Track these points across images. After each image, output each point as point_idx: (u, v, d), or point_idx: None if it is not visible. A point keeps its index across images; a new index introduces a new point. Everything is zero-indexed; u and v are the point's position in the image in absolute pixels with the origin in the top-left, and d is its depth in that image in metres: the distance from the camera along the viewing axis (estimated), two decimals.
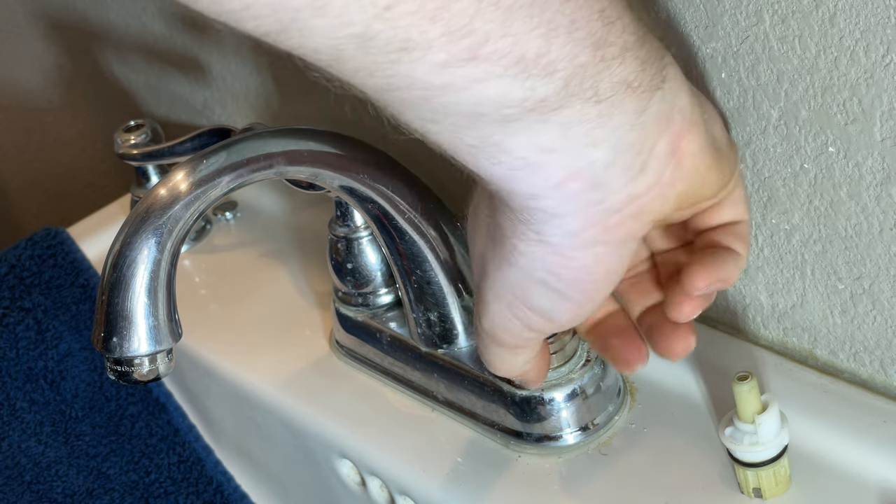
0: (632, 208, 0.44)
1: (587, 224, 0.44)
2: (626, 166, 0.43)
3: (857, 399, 0.56)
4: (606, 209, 0.44)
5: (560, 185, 0.43)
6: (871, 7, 0.46)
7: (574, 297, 0.46)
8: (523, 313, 0.48)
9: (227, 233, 0.83)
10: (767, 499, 0.53)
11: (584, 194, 0.43)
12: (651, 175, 0.44)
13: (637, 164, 0.44)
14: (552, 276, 0.46)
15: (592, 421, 0.59)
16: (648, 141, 0.44)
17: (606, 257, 0.45)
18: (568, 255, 0.45)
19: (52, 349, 0.78)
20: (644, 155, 0.44)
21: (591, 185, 0.43)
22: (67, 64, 1.07)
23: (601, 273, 0.46)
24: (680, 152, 0.45)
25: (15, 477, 0.75)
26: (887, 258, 0.52)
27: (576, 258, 0.45)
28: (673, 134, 0.44)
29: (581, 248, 0.45)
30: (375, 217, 0.58)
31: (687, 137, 0.45)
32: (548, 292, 0.46)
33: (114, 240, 0.51)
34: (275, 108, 0.84)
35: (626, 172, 0.43)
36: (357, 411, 0.65)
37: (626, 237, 0.45)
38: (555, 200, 0.43)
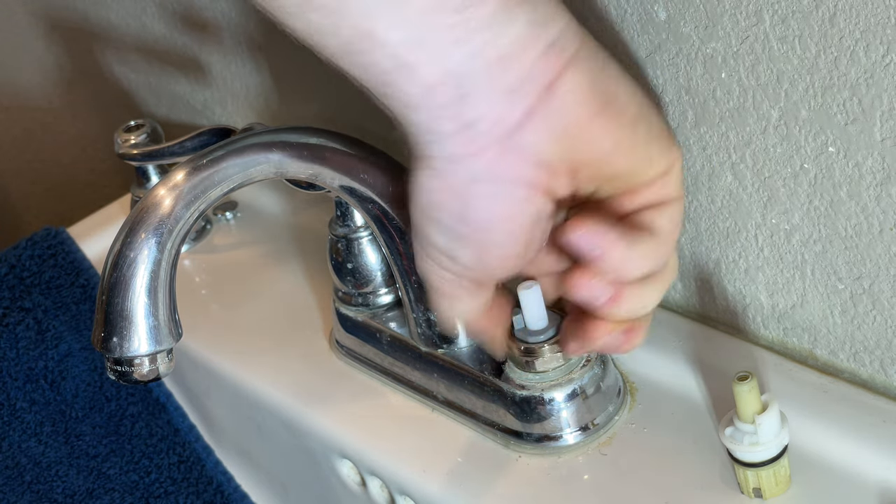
0: (508, 139, 0.45)
1: (465, 149, 0.45)
2: (493, 80, 0.44)
3: (857, 399, 0.56)
4: (481, 132, 0.45)
5: (430, 90, 0.44)
6: (871, 7, 0.46)
7: (467, 236, 0.48)
8: (430, 252, 0.49)
9: (227, 233, 0.83)
10: (767, 499, 0.53)
11: (455, 106, 0.44)
12: (521, 100, 0.45)
13: (504, 81, 0.44)
14: (445, 212, 0.47)
15: (592, 421, 0.59)
16: (518, 61, 0.44)
17: (493, 199, 0.46)
18: (457, 187, 0.46)
19: (52, 349, 0.78)
20: (512, 74, 0.44)
21: (458, 94, 0.44)
22: (67, 64, 1.07)
23: (500, 214, 0.47)
24: (556, 86, 0.45)
25: (15, 477, 0.75)
26: (887, 258, 0.52)
27: (465, 193, 0.46)
28: (550, 63, 0.45)
29: (468, 180, 0.46)
30: (375, 217, 0.58)
31: (568, 73, 0.45)
32: (441, 228, 0.48)
33: (114, 240, 0.51)
34: (275, 108, 0.84)
35: (493, 88, 0.44)
36: (357, 411, 0.65)
37: (512, 178, 0.46)
38: (427, 111, 0.44)
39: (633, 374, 0.61)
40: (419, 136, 0.46)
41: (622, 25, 0.56)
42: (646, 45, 0.55)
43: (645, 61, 0.56)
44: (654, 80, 0.56)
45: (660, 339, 0.62)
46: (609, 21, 0.56)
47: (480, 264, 0.49)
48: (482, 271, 0.50)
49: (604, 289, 0.48)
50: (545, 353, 0.57)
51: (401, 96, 0.45)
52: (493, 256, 0.49)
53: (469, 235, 0.48)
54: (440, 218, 0.48)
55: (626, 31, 0.56)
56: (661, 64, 0.55)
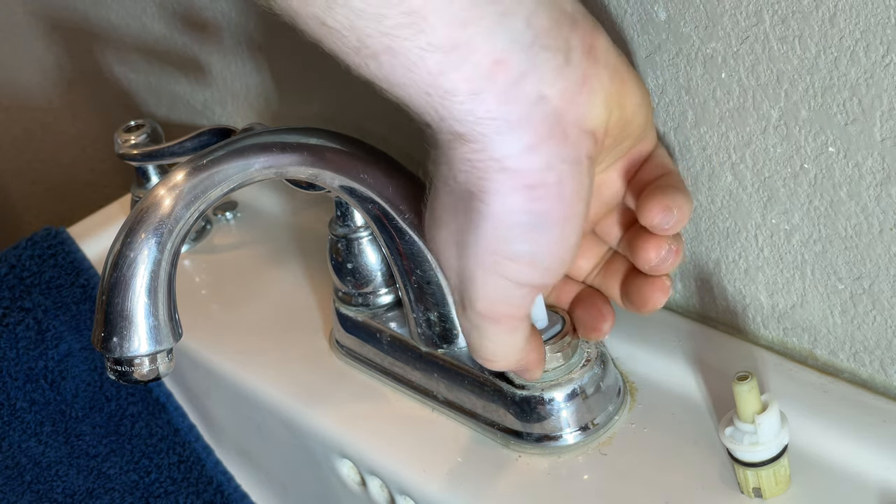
0: (571, 111, 0.45)
1: (538, 134, 0.45)
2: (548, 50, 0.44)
3: (857, 399, 0.56)
4: (549, 112, 0.45)
5: (491, 74, 0.43)
6: (871, 7, 0.46)
7: (552, 230, 0.47)
8: (509, 268, 0.48)
9: (227, 233, 0.83)
10: (767, 499, 0.53)
11: (518, 88, 0.44)
12: (576, 69, 0.45)
13: (559, 52, 0.45)
14: (525, 212, 0.46)
15: (592, 421, 0.59)
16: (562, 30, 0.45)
17: (568, 178, 0.46)
18: (533, 179, 0.45)
19: (52, 349, 0.78)
20: (562, 44, 0.45)
21: (517, 73, 0.44)
22: (67, 64, 1.07)
23: (569, 197, 0.46)
24: (595, 50, 0.46)
25: (15, 477, 0.75)
26: (887, 258, 0.52)
27: (542, 182, 0.46)
28: (582, 30, 0.46)
29: (542, 169, 0.45)
30: (375, 217, 0.58)
31: (597, 35, 0.47)
32: (526, 232, 0.46)
33: (114, 240, 0.51)
34: (275, 108, 0.84)
35: (551, 61, 0.44)
36: (357, 411, 0.65)
37: (577, 153, 0.46)
38: (493, 96, 0.44)
39: (633, 374, 0.61)
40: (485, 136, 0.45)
41: (622, 25, 0.56)
42: (646, 45, 0.55)
43: (645, 61, 0.56)
44: (654, 80, 0.56)
45: (660, 339, 0.62)
46: (609, 21, 0.56)
47: (559, 260, 0.48)
48: (559, 269, 0.49)
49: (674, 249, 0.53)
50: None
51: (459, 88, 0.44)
52: (571, 245, 0.48)
53: (551, 228, 0.47)
54: (521, 221, 0.46)
55: (626, 31, 0.56)
56: (661, 64, 0.55)
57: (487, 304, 0.49)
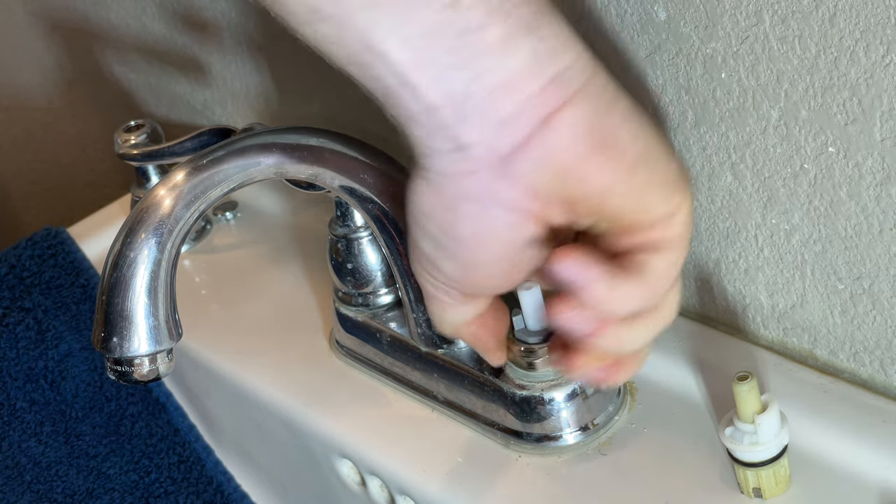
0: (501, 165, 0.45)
1: (458, 168, 0.45)
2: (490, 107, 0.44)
3: (857, 399, 0.56)
4: (474, 156, 0.45)
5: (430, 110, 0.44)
6: (871, 7, 0.46)
7: (452, 250, 0.48)
8: (419, 257, 0.50)
9: (227, 233, 0.83)
10: (767, 499, 0.53)
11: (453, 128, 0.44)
12: (516, 130, 0.44)
13: (501, 110, 0.44)
14: (429, 220, 0.48)
15: (592, 421, 0.59)
16: (517, 91, 0.44)
17: (480, 219, 0.46)
18: (442, 198, 0.46)
19: (52, 349, 0.78)
20: (510, 104, 0.44)
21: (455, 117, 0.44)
22: (67, 64, 1.07)
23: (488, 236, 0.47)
24: (554, 120, 0.44)
25: (15, 477, 0.75)
26: (887, 258, 0.52)
27: (449, 206, 0.46)
28: (550, 96, 0.44)
29: (455, 197, 0.46)
30: (375, 217, 0.58)
31: (568, 109, 0.44)
32: (428, 237, 0.48)
33: (114, 240, 0.51)
34: (275, 108, 0.84)
35: (489, 116, 0.44)
36: (357, 411, 0.65)
37: (501, 202, 0.46)
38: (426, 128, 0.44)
39: None
40: (417, 147, 0.46)
41: (622, 25, 0.56)
42: (646, 45, 0.55)
43: (645, 61, 0.56)
44: (654, 80, 0.56)
45: (660, 339, 0.62)
46: (609, 21, 0.56)
47: (465, 279, 0.50)
48: (467, 286, 0.51)
49: (584, 321, 0.47)
50: (545, 354, 0.57)
51: (402, 111, 0.45)
52: (478, 274, 0.49)
53: (454, 250, 0.48)
54: (428, 228, 0.48)
55: (626, 31, 0.56)
56: (661, 64, 0.55)
57: (412, 269, 0.52)
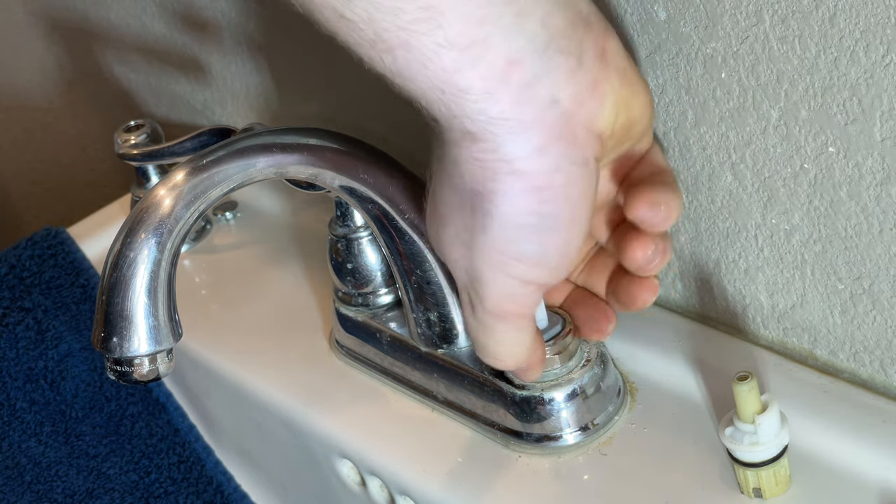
0: (581, 114, 0.45)
1: (548, 136, 0.45)
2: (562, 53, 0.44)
3: (857, 399, 0.56)
4: (560, 115, 0.45)
5: (505, 74, 0.43)
6: (871, 7, 0.46)
7: (559, 231, 0.47)
8: (516, 268, 0.48)
9: (227, 233, 0.83)
10: (767, 499, 0.53)
11: (532, 89, 0.44)
12: (588, 73, 0.45)
13: (572, 55, 0.45)
14: (533, 214, 0.46)
15: (592, 421, 0.59)
16: (576, 32, 0.45)
17: (576, 179, 0.46)
18: (542, 182, 0.46)
19: (52, 349, 0.78)
20: (575, 47, 0.45)
21: (532, 75, 0.44)
22: (67, 64, 1.07)
23: (576, 198, 0.47)
24: (607, 53, 0.46)
25: (15, 477, 0.75)
26: (887, 258, 0.52)
27: (550, 184, 0.46)
28: (595, 33, 0.46)
29: (551, 171, 0.46)
30: (375, 217, 0.58)
31: (609, 38, 0.47)
32: (534, 233, 0.47)
33: (114, 240, 0.51)
34: (275, 108, 0.84)
35: (565, 64, 0.44)
36: (357, 411, 0.65)
37: (585, 155, 0.46)
38: (507, 97, 0.44)
39: (633, 374, 0.61)
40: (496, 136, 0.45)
41: (622, 25, 0.56)
42: (646, 45, 0.55)
43: (645, 61, 0.56)
44: (654, 80, 0.56)
45: (660, 339, 0.62)
46: (609, 21, 0.56)
47: (565, 259, 0.48)
48: (565, 267, 0.49)
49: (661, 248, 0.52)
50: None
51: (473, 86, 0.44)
52: (577, 244, 0.48)
53: (558, 230, 0.47)
54: (530, 222, 0.46)
55: (626, 31, 0.56)
56: (661, 64, 0.55)
57: (496, 302, 0.50)
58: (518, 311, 0.50)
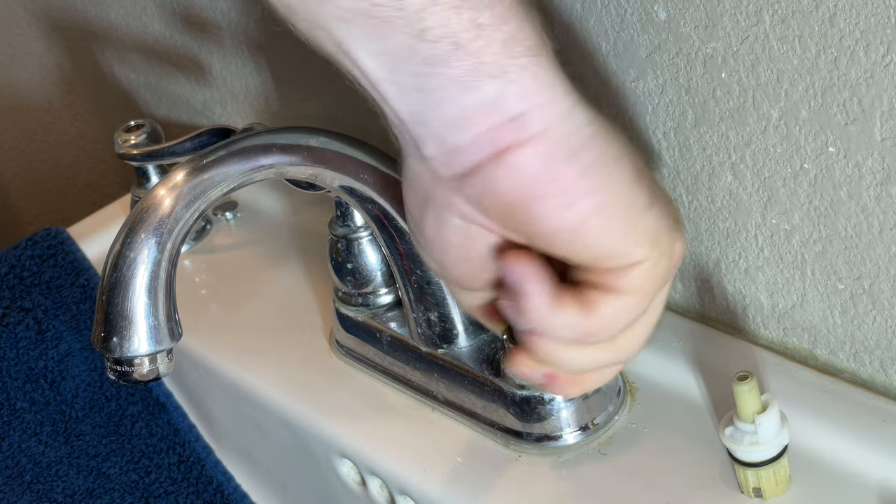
0: (457, 182, 0.46)
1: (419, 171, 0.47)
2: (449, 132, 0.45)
3: (857, 399, 0.56)
4: (433, 168, 0.46)
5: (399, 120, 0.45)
6: (871, 7, 0.46)
7: (424, 247, 0.49)
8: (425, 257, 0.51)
9: (227, 233, 0.83)
10: (767, 499, 0.53)
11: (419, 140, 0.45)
12: (468, 157, 0.45)
13: (458, 137, 0.44)
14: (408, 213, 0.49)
15: (592, 421, 0.59)
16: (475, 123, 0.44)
17: (443, 224, 0.47)
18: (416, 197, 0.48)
19: (52, 349, 0.78)
20: (466, 133, 0.44)
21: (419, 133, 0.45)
22: (67, 64, 1.07)
23: (440, 237, 0.48)
24: (505, 157, 0.44)
25: (15, 477, 0.75)
26: (887, 258, 0.52)
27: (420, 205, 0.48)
28: (505, 134, 0.44)
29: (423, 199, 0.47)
30: (375, 217, 0.58)
31: (524, 150, 0.44)
32: (412, 229, 0.50)
33: (114, 240, 0.51)
34: (275, 108, 0.84)
35: (446, 139, 0.45)
36: (357, 411, 0.65)
37: (459, 213, 0.47)
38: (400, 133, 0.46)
39: (633, 374, 0.61)
40: (400, 146, 0.47)
41: (622, 25, 0.56)
42: (646, 45, 0.55)
43: (645, 61, 0.56)
44: (654, 80, 0.56)
45: (660, 339, 0.62)
46: (609, 21, 0.56)
47: (442, 273, 0.51)
48: (447, 279, 0.51)
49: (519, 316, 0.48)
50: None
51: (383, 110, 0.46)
52: (450, 273, 0.50)
53: (426, 247, 0.49)
54: (409, 221, 0.50)
55: (626, 31, 0.56)
56: (661, 64, 0.55)
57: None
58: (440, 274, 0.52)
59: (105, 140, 1.10)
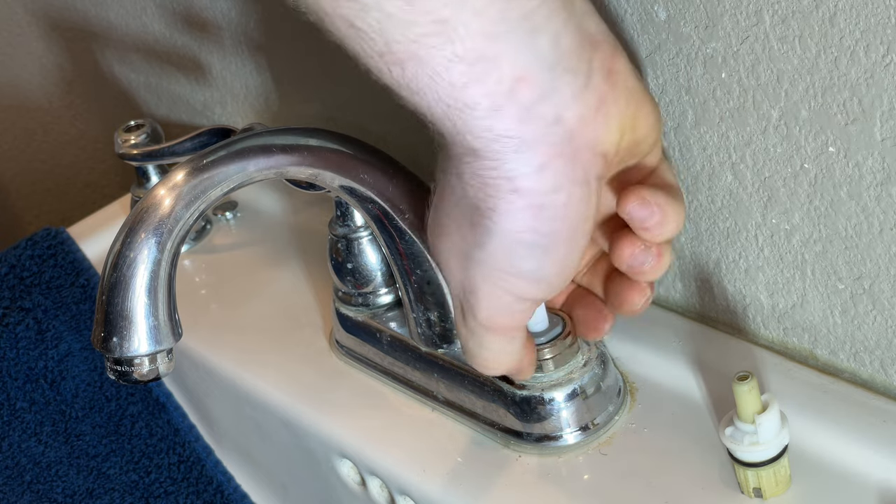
0: (585, 134, 0.45)
1: (551, 155, 0.45)
2: (570, 72, 0.44)
3: (857, 399, 0.56)
4: (563, 134, 0.45)
5: (513, 91, 0.43)
6: (871, 7, 0.46)
7: (557, 249, 0.47)
8: (512, 284, 0.48)
9: (227, 233, 0.83)
10: (767, 499, 0.53)
11: (537, 108, 0.44)
12: (594, 93, 0.45)
13: (580, 74, 0.44)
14: (532, 232, 0.46)
15: (592, 421, 0.59)
16: (584, 52, 0.44)
17: (576, 199, 0.46)
18: (542, 200, 0.46)
19: (52, 349, 0.78)
20: (584, 66, 0.45)
21: (539, 93, 0.44)
22: (67, 64, 1.07)
23: (576, 218, 0.47)
24: (614, 73, 0.46)
25: (15, 477, 0.75)
26: (887, 258, 0.52)
27: (550, 203, 0.46)
28: (604, 53, 0.46)
29: (552, 190, 0.45)
30: (375, 217, 0.58)
31: (617, 58, 0.46)
32: (531, 250, 0.47)
33: (114, 240, 0.51)
34: (275, 108, 0.84)
35: (572, 83, 0.44)
36: (357, 411, 0.65)
37: (587, 175, 0.46)
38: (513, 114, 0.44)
39: (633, 374, 0.61)
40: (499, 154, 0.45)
41: (622, 25, 0.56)
42: (646, 45, 0.55)
43: (645, 61, 0.56)
44: (654, 80, 0.56)
45: (660, 339, 0.62)
46: (609, 21, 0.56)
47: (562, 277, 0.49)
48: (562, 284, 0.49)
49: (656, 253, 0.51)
50: (546, 355, 0.57)
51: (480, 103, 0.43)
52: (574, 262, 0.48)
53: (556, 248, 0.47)
54: (529, 240, 0.46)
55: (626, 31, 0.56)
56: (661, 64, 0.55)
57: (488, 315, 0.50)
58: (510, 324, 0.50)
59: (105, 140, 1.10)
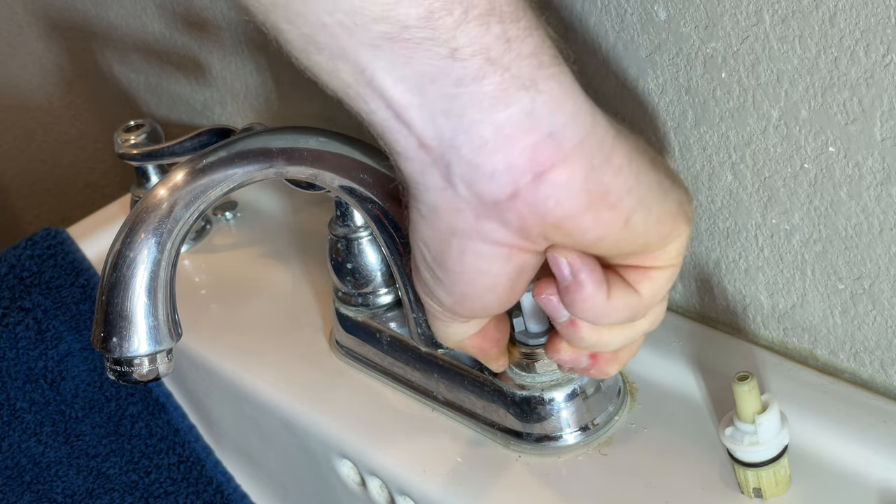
0: (481, 207, 0.45)
1: (448, 205, 0.45)
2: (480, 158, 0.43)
3: (857, 399, 0.56)
4: (463, 197, 0.45)
5: (421, 148, 0.44)
6: (871, 7, 0.46)
7: (444, 282, 0.48)
8: (419, 282, 0.50)
9: (227, 233, 0.83)
10: (767, 499, 0.53)
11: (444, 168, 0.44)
12: (506, 184, 0.44)
13: (491, 162, 0.43)
14: (424, 247, 0.48)
15: (592, 421, 0.59)
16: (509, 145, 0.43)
17: (471, 254, 0.46)
18: (436, 231, 0.46)
19: (52, 349, 0.78)
20: (500, 158, 0.43)
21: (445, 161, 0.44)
22: (67, 64, 1.07)
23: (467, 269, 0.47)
24: (546, 177, 0.44)
25: (15, 477, 0.75)
26: (887, 258, 0.52)
27: (442, 240, 0.46)
28: (542, 153, 0.43)
29: (446, 232, 0.46)
30: (375, 217, 0.58)
31: (562, 167, 0.44)
32: (425, 264, 0.48)
33: (114, 240, 0.51)
34: (275, 108, 0.84)
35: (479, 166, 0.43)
36: (357, 411, 0.65)
37: (491, 240, 0.46)
38: (419, 164, 0.44)
39: (633, 374, 0.61)
40: (410, 181, 0.46)
41: (622, 25, 0.56)
42: (646, 45, 0.55)
43: (645, 61, 0.56)
44: (654, 80, 0.56)
45: (660, 339, 0.62)
46: (609, 21, 0.56)
47: (459, 308, 0.50)
48: (462, 313, 0.50)
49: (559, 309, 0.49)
50: (545, 355, 0.57)
51: (394, 144, 0.44)
52: (471, 304, 0.49)
53: (445, 281, 0.48)
54: (426, 255, 0.48)
55: (626, 31, 0.56)
56: (661, 64, 0.55)
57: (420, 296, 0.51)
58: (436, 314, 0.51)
59: (105, 140, 1.10)
